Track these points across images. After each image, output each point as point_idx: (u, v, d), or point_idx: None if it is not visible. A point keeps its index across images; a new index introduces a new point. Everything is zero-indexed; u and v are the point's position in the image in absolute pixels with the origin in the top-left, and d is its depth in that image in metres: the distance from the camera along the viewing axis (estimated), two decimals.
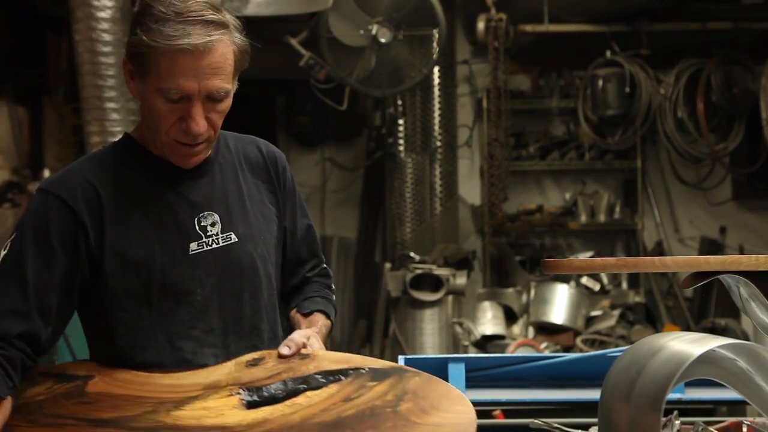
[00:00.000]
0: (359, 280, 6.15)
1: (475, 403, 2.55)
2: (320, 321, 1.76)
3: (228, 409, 1.44)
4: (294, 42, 4.85)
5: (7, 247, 1.58)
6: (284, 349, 1.57)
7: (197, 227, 1.63)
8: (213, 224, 1.65)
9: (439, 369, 2.44)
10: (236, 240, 1.67)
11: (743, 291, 1.26)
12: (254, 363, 1.54)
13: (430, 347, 4.97)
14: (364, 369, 1.48)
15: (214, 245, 1.64)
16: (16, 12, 5.26)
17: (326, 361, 1.52)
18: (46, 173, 4.97)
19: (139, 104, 1.73)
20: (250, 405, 1.46)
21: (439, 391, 1.46)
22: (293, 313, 1.80)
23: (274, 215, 1.75)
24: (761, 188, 6.08)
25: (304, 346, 1.59)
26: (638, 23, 5.57)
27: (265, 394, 1.47)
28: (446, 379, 2.54)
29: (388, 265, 5.30)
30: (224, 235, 1.66)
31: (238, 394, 1.48)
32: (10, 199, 5.19)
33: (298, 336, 1.62)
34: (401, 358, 2.32)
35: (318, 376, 1.49)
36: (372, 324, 5.59)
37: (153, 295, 1.60)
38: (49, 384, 1.58)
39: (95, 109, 4.47)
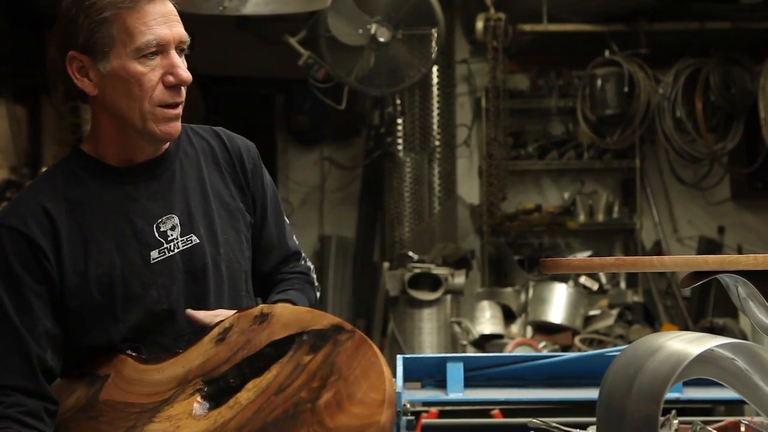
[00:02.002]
0: (358, 280, 6.15)
1: (473, 403, 2.56)
2: None
3: (185, 418, 1.53)
4: (293, 41, 4.85)
5: None
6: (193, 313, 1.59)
7: (157, 234, 1.60)
8: (173, 228, 1.61)
9: (437, 368, 2.44)
10: (197, 241, 1.63)
11: (741, 290, 1.26)
12: (222, 338, 1.57)
13: (429, 346, 4.97)
14: (306, 334, 1.53)
15: (176, 250, 1.61)
16: (15, 11, 5.26)
17: (279, 325, 1.55)
18: None
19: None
20: (210, 398, 1.54)
21: (362, 367, 1.47)
22: None
23: (240, 210, 1.71)
24: (760, 188, 6.08)
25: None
26: (637, 23, 5.58)
27: (222, 385, 1.54)
28: (444, 378, 2.54)
29: (386, 265, 5.30)
30: (184, 237, 1.62)
31: (199, 391, 1.55)
32: (8, 198, 5.18)
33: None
34: (400, 358, 2.33)
35: (268, 350, 1.54)
36: (370, 323, 5.59)
37: (118, 309, 1.58)
38: (81, 391, 1.60)
39: None
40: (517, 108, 5.97)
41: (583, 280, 5.51)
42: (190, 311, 1.59)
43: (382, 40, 4.69)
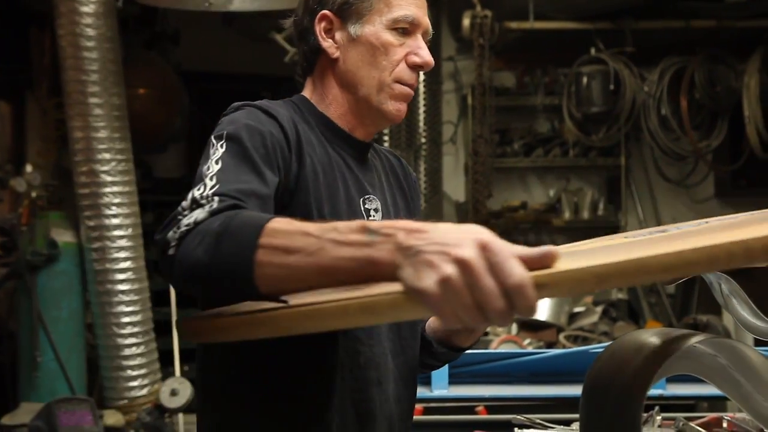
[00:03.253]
0: None
1: (458, 399, 2.57)
2: None
3: None
4: (279, 38, 4.84)
5: (221, 156, 1.35)
6: None
7: (362, 207, 1.55)
8: (376, 210, 1.57)
9: None
10: None
11: (724, 288, 1.26)
12: None
13: None
14: None
15: None
16: None
17: None
18: (29, 168, 4.93)
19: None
20: None
21: None
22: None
23: None
24: (743, 186, 6.11)
25: None
26: (623, 21, 5.59)
27: None
28: (429, 375, 2.55)
29: None
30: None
31: None
32: None
33: None
34: None
35: None
36: None
37: None
38: None
39: (78, 104, 4.44)
40: (503, 105, 5.98)
41: None
42: None
43: None
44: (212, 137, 1.39)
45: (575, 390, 2.17)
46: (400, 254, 0.98)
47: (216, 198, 1.23)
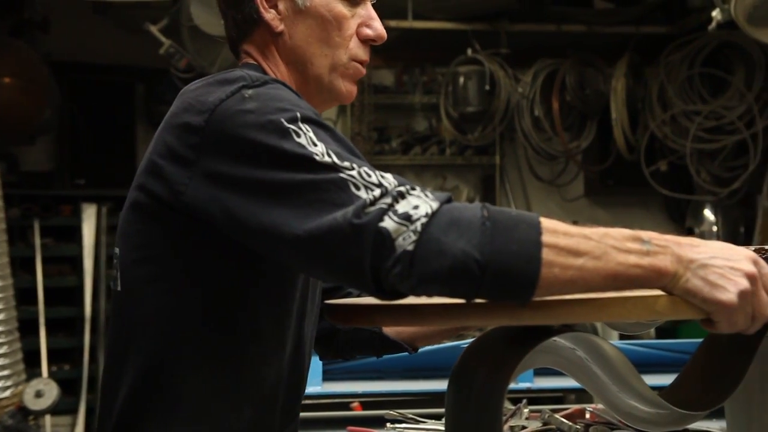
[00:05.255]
0: None
1: (332, 396, 2.58)
2: None
3: None
4: (154, 29, 4.73)
5: (307, 142, 1.15)
6: None
7: None
8: None
9: None
10: None
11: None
12: None
13: None
14: None
15: None
16: None
17: None
18: None
19: None
20: None
21: None
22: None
23: None
24: (611, 185, 6.33)
25: None
26: (498, 23, 5.71)
27: None
28: None
29: None
30: None
31: None
32: None
33: None
34: None
35: None
36: None
37: None
38: None
39: None
40: (381, 103, 6.03)
41: None
42: None
43: None
44: (281, 118, 1.16)
45: (446, 384, 2.21)
46: (681, 266, 1.04)
47: (411, 187, 1.10)
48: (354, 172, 1.11)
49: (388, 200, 1.06)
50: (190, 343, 1.27)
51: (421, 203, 1.05)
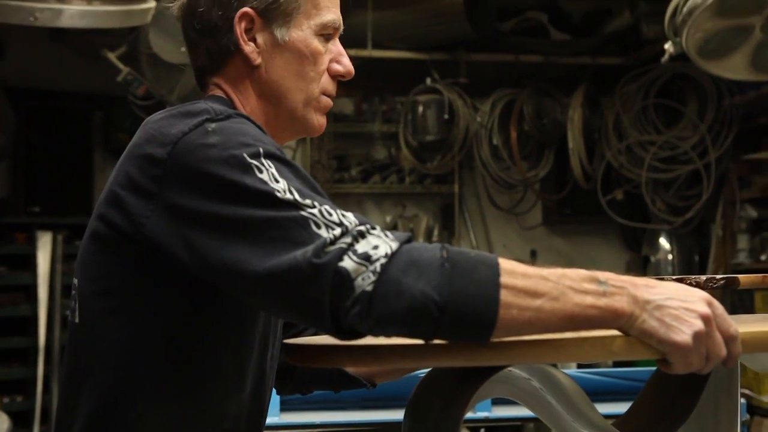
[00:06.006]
0: None
1: (290, 427, 2.56)
2: None
3: None
4: (112, 56, 4.71)
5: (268, 179, 1.14)
6: None
7: None
8: None
9: None
10: None
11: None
12: None
13: None
14: None
15: None
16: None
17: None
18: None
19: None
20: None
21: None
22: None
23: None
24: (568, 214, 6.39)
25: None
26: (457, 53, 5.77)
27: None
28: None
29: None
30: None
31: None
32: None
33: None
34: None
35: None
36: None
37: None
38: None
39: None
40: (341, 132, 6.04)
41: None
42: None
43: None
44: (243, 154, 1.15)
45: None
46: (637, 306, 1.05)
47: (372, 227, 1.08)
48: (315, 210, 1.10)
49: (348, 240, 1.06)
50: (148, 378, 1.26)
51: (381, 243, 1.05)
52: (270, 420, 2.45)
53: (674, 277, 1.39)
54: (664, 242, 5.99)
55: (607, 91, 5.98)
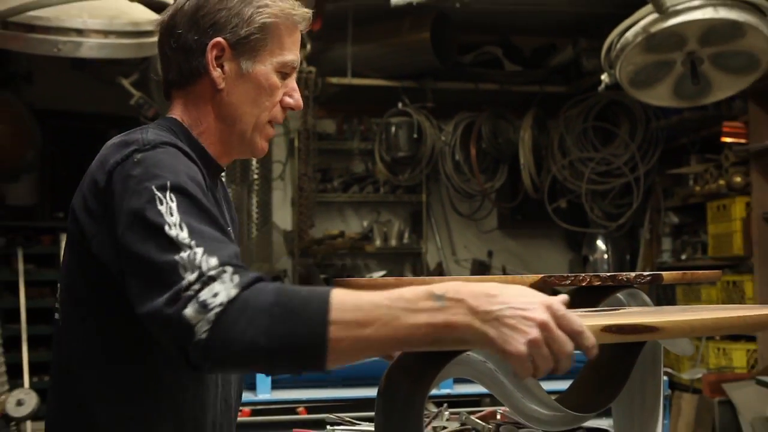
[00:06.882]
0: None
1: (280, 402, 2.56)
2: None
3: None
4: (125, 83, 4.68)
5: (170, 212, 1.10)
6: None
7: (233, 235, 1.37)
8: (235, 237, 1.40)
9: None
10: None
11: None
12: None
13: None
14: None
15: None
16: None
17: None
18: None
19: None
20: None
21: None
22: None
23: None
24: (520, 219, 6.42)
25: None
26: (424, 81, 5.79)
27: None
28: (254, 381, 2.53)
29: None
30: None
31: None
32: None
33: None
34: None
35: None
36: None
37: None
38: None
39: None
40: (324, 148, 6.03)
41: None
42: None
43: None
44: (152, 186, 1.12)
45: None
46: (477, 318, 0.96)
47: (228, 269, 1.04)
48: (188, 253, 1.06)
49: (197, 286, 1.03)
50: (114, 383, 1.23)
51: (222, 290, 1.02)
52: (263, 396, 2.45)
53: (609, 274, 1.41)
54: (600, 244, 6.04)
55: (552, 114, 6.02)
